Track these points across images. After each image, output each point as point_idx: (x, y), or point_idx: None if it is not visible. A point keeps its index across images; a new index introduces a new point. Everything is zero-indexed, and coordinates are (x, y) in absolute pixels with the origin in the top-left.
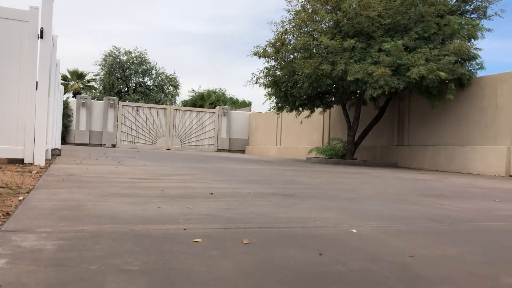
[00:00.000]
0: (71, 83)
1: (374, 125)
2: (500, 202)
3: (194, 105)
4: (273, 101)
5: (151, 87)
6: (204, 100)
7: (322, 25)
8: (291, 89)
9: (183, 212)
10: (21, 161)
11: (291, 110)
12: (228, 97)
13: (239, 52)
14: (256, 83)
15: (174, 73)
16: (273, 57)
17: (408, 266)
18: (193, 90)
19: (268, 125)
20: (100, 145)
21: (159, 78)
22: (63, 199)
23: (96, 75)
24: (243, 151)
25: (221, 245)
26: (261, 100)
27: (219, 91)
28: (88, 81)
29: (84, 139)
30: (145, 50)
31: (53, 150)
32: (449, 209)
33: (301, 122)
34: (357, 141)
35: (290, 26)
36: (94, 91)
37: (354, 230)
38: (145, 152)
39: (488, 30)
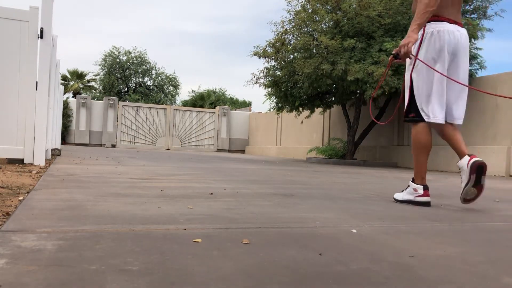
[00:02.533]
0: (71, 83)
1: (374, 125)
2: (500, 202)
3: (194, 105)
4: (273, 101)
5: (151, 87)
6: (204, 100)
7: (322, 25)
8: (291, 89)
9: (183, 212)
10: (21, 161)
11: (291, 110)
12: (228, 97)
13: (239, 52)
14: (256, 83)
15: (174, 73)
16: (273, 57)
17: (408, 266)
18: (192, 90)
19: (268, 125)
20: (100, 145)
21: (159, 78)
22: (63, 199)
23: (96, 75)
24: (243, 151)
25: (221, 245)
26: (261, 100)
27: (219, 91)
28: (88, 81)
29: (84, 139)
30: (145, 50)
31: (53, 150)
32: (449, 209)
33: (301, 122)
34: (357, 141)
35: (290, 26)
36: (94, 91)
37: (354, 230)
38: (145, 152)
39: (489, 30)
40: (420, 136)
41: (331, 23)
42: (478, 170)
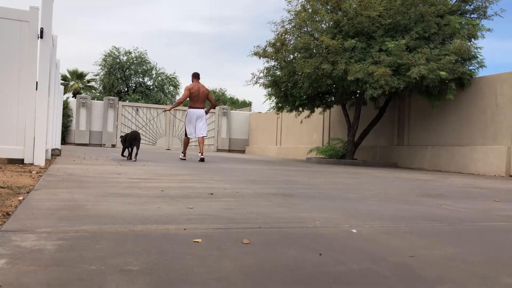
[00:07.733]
0: (71, 83)
1: (374, 125)
2: (500, 202)
3: None
4: (273, 101)
5: (151, 87)
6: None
7: (322, 25)
8: (291, 89)
9: (183, 212)
10: (21, 161)
11: (291, 110)
12: (228, 97)
13: (239, 52)
14: (256, 83)
15: (174, 73)
16: (273, 57)
17: (408, 266)
18: None
19: (268, 125)
20: (100, 145)
21: (159, 78)
22: (63, 199)
23: (96, 75)
24: (243, 151)
25: (221, 245)
26: (261, 100)
27: (219, 91)
28: (88, 81)
29: (84, 139)
30: (145, 50)
31: (53, 150)
32: (449, 209)
33: (301, 122)
34: (357, 141)
35: (290, 26)
36: (94, 91)
37: (354, 230)
38: (145, 152)
39: (488, 30)
40: (186, 140)
41: (331, 23)
42: (201, 160)
